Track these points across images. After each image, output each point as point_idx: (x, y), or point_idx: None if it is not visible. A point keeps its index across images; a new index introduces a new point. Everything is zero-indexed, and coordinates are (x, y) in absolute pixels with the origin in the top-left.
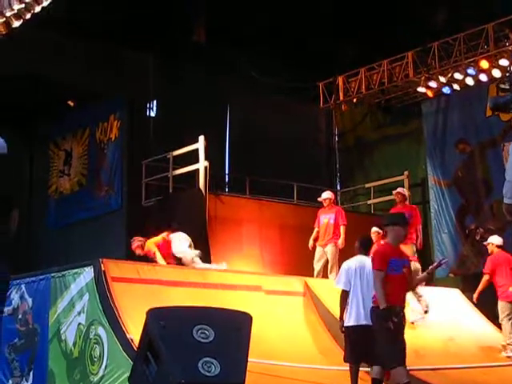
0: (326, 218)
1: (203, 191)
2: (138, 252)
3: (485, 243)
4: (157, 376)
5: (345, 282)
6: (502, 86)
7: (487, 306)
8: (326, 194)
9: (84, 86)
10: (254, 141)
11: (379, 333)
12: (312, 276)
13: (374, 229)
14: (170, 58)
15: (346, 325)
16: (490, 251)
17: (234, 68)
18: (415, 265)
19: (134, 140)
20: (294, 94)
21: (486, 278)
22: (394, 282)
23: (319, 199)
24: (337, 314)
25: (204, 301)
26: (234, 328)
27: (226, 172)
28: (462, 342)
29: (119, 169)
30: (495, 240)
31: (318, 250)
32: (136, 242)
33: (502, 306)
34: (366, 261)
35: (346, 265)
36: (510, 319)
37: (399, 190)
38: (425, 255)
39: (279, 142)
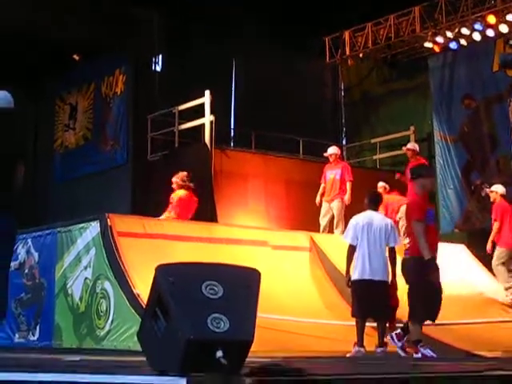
0: (332, 173)
1: (209, 146)
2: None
3: (488, 190)
4: (166, 332)
5: (352, 237)
6: (511, 42)
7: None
8: (332, 150)
9: (90, 40)
10: (260, 96)
11: (418, 286)
12: (318, 231)
13: (381, 184)
14: (176, 14)
15: (352, 279)
16: (492, 199)
17: (239, 23)
18: None
19: (139, 94)
20: (300, 48)
21: (496, 225)
22: (431, 232)
23: (325, 154)
24: (343, 269)
25: (210, 255)
26: (242, 285)
27: (232, 127)
28: (467, 298)
29: (125, 123)
30: (499, 189)
31: (324, 205)
32: (177, 178)
33: (500, 252)
34: (374, 216)
35: (354, 220)
36: (503, 265)
37: (409, 145)
38: None
39: (285, 97)
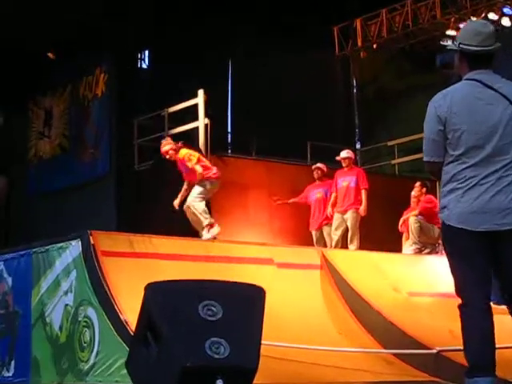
0: (345, 180)
1: (204, 152)
2: (171, 154)
3: None
4: (158, 358)
5: None
6: None
7: None
8: (346, 153)
9: (66, 36)
10: (261, 95)
11: None
12: (330, 246)
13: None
14: (165, 2)
15: None
16: None
17: (238, 11)
18: None
19: (123, 95)
20: (305, 41)
21: None
22: None
23: (338, 158)
24: (359, 289)
25: (207, 276)
26: (245, 304)
27: (229, 130)
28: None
29: (107, 129)
30: None
31: (337, 217)
32: (168, 143)
33: None
34: None
35: None
36: None
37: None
38: None
39: (289, 96)
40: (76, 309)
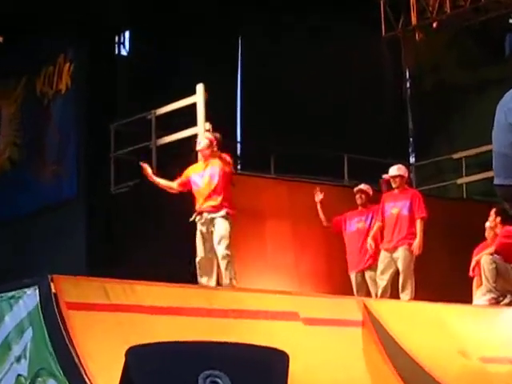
0: (395, 207)
1: None
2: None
3: None
4: None
5: None
6: None
7: None
8: (396, 170)
9: (18, 10)
10: (281, 92)
11: None
12: (375, 295)
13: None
14: None
15: None
16: None
17: None
18: None
19: (95, 92)
20: (340, 18)
21: None
22: None
23: (385, 177)
24: (413, 353)
25: (210, 337)
26: (260, 374)
27: (238, 139)
28: None
29: (73, 137)
30: None
31: (384, 255)
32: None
33: None
34: None
35: None
36: None
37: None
38: None
39: (319, 93)
40: (32, 380)
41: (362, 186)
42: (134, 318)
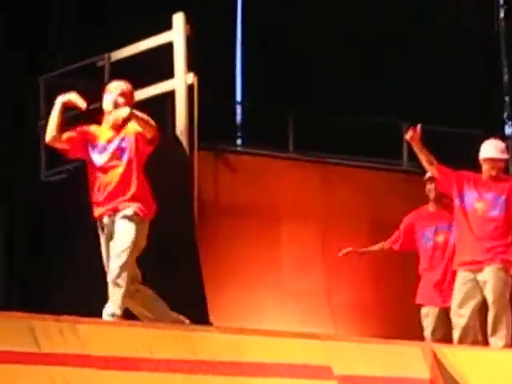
0: (481, 200)
1: (185, 145)
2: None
3: None
4: None
5: None
6: None
7: None
8: (500, 151)
9: None
10: (297, 36)
11: None
12: (449, 341)
13: None
14: None
15: None
16: None
17: None
18: None
19: (16, 28)
20: None
21: None
22: None
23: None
24: None
25: None
26: None
27: (239, 100)
28: None
29: None
30: None
31: (465, 276)
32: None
33: None
34: None
35: None
36: None
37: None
38: None
39: (358, 37)
40: None
41: None
42: (80, 374)
